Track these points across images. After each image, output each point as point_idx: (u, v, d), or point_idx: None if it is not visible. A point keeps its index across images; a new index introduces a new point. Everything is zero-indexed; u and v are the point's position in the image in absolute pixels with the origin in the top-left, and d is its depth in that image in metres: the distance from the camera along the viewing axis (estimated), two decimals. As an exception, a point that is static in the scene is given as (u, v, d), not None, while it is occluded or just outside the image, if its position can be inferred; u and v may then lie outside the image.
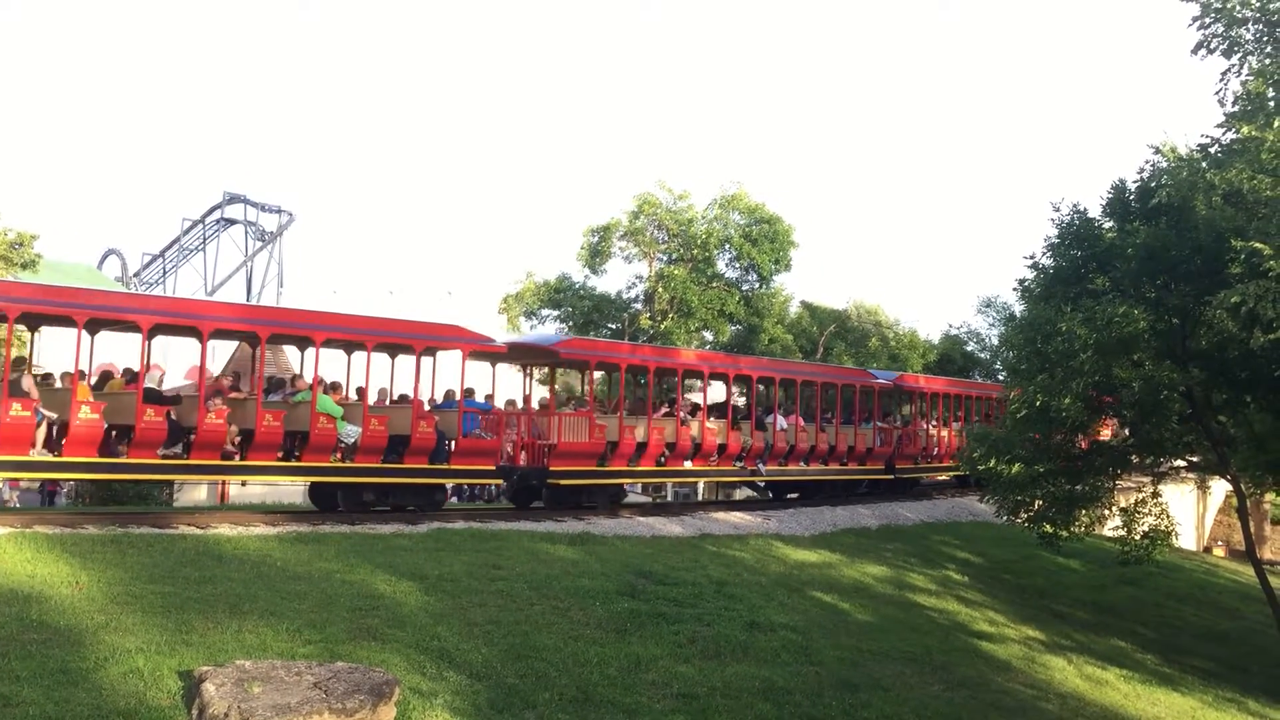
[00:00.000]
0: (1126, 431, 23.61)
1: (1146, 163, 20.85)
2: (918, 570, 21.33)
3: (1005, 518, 22.53)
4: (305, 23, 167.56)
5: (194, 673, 9.09)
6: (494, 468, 20.67)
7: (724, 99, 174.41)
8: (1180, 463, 25.30)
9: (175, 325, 18.14)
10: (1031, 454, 20.52)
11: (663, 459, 23.55)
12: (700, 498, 35.06)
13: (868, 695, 12.62)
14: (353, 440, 18.51)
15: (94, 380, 17.73)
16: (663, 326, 43.19)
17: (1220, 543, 48.53)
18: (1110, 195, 21.14)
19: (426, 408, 19.91)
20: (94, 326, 17.27)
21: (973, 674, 14.81)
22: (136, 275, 61.86)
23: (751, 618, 14.47)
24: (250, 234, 62.49)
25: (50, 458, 15.99)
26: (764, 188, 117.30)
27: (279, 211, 62.25)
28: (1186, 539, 39.22)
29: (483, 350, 20.71)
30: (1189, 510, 43.78)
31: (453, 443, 19.81)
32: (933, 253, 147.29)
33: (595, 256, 45.71)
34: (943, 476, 34.85)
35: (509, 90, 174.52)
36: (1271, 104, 17.15)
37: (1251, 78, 17.59)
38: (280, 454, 17.93)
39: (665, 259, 45.91)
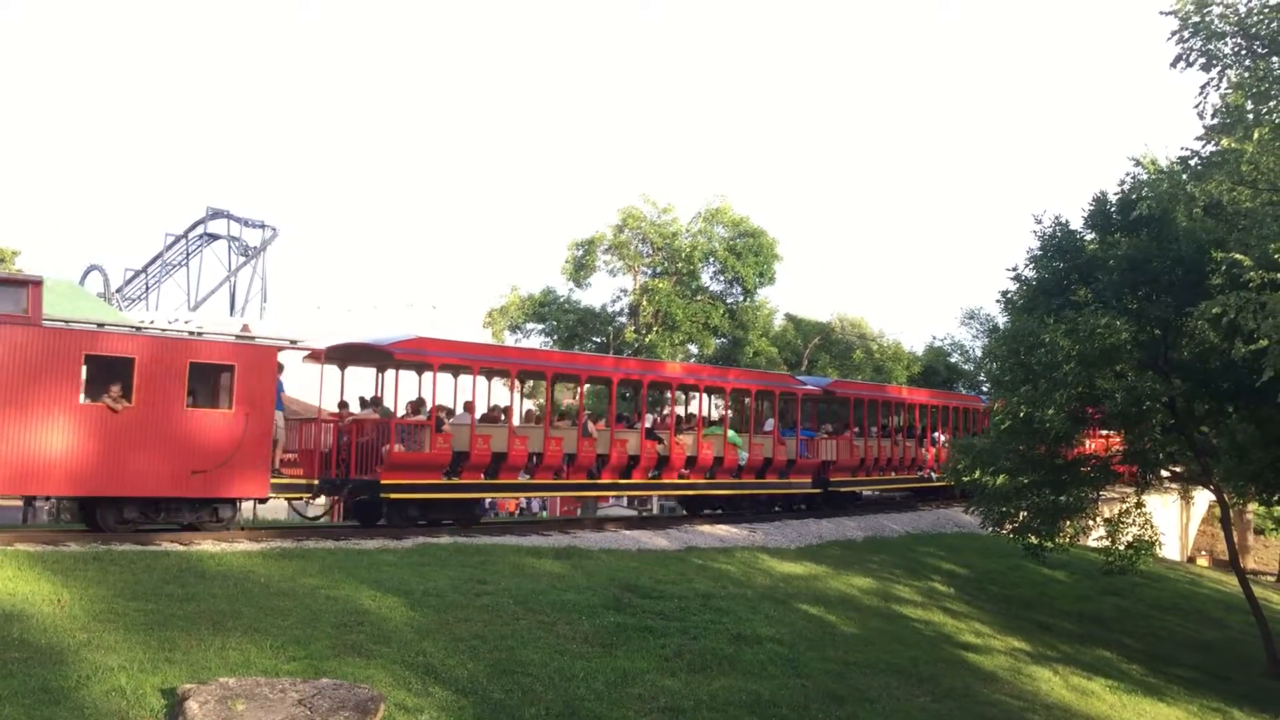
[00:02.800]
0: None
1: (1127, 175, 21.00)
2: (903, 582, 21.34)
3: (990, 529, 22.58)
4: (290, 38, 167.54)
5: (177, 690, 9.03)
6: (811, 480, 27.11)
7: (708, 113, 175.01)
8: (1164, 473, 25.42)
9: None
10: (1016, 465, 20.58)
11: (882, 469, 30.30)
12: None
13: (854, 707, 12.62)
14: (743, 462, 24.86)
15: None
16: (647, 340, 43.16)
17: (1204, 552, 48.71)
18: (1091, 207, 21.27)
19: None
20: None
21: (959, 685, 14.81)
22: (119, 291, 61.58)
23: (738, 630, 14.44)
24: (234, 249, 62.34)
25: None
26: (748, 201, 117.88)
27: (262, 226, 62.10)
28: (1170, 549, 39.35)
29: (807, 394, 28.56)
30: (1173, 520, 43.91)
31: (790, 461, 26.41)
32: (916, 265, 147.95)
33: (579, 270, 45.67)
34: None
35: (492, 104, 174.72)
36: (1250, 116, 17.26)
37: (1230, 91, 17.71)
38: (705, 474, 24.29)
39: (649, 272, 45.90)
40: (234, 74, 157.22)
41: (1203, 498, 45.24)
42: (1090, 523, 21.95)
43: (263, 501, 19.10)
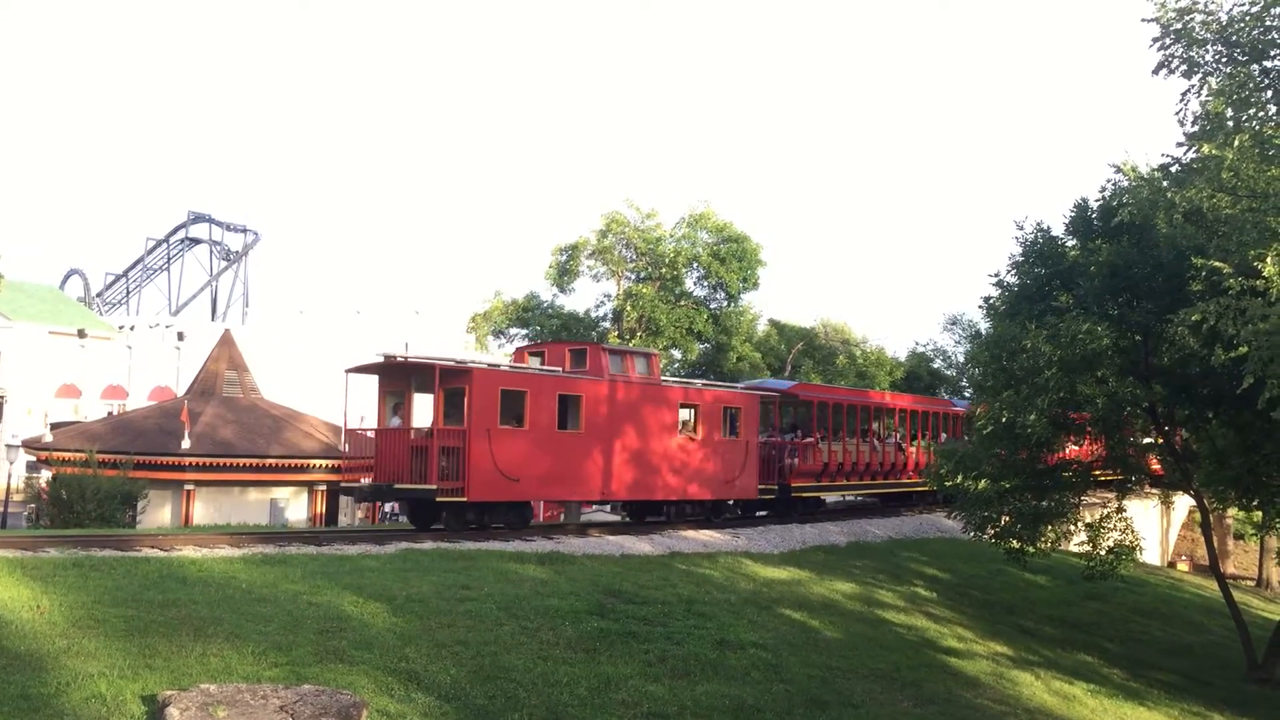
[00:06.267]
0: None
1: (1108, 182, 21.12)
2: (886, 587, 21.38)
3: (972, 534, 22.64)
4: (274, 42, 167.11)
5: (158, 697, 8.97)
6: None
7: (692, 118, 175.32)
8: (1144, 478, 25.53)
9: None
10: (998, 470, 20.64)
11: None
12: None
13: (837, 712, 12.62)
14: (912, 465, 32.15)
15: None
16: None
17: (1184, 557, 48.89)
18: (1073, 214, 21.38)
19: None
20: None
21: (941, 690, 14.84)
22: (99, 295, 61.25)
23: (721, 636, 14.44)
24: (215, 253, 62.11)
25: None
26: (731, 206, 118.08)
27: (244, 231, 61.90)
28: (1151, 554, 39.54)
29: (958, 414, 34.44)
30: (1153, 525, 44.11)
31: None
32: (900, 271, 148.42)
33: (563, 275, 45.69)
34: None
35: (477, 109, 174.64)
36: (1231, 123, 17.37)
37: (1211, 98, 17.82)
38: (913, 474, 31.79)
39: (633, 277, 45.96)
40: (217, 77, 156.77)
41: (1183, 503, 45.41)
42: (1071, 528, 22.05)
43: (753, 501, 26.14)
